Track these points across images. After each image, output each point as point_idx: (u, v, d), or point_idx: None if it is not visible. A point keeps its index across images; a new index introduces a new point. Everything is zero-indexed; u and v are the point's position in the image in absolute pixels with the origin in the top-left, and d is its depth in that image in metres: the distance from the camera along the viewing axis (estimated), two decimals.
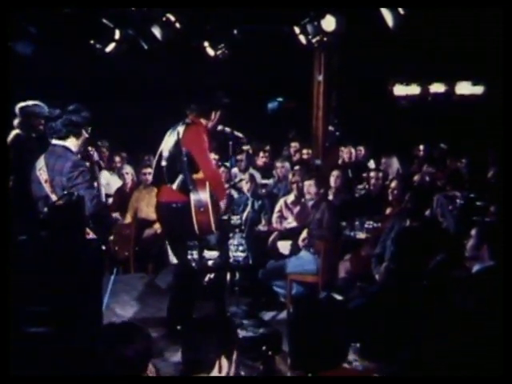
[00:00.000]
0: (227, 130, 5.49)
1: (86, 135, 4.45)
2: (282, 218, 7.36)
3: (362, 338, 3.36)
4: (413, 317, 3.29)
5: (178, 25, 8.20)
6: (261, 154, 9.81)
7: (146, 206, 7.61)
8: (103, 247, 4.25)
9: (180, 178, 5.16)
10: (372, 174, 7.65)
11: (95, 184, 4.59)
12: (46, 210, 3.55)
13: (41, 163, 4.39)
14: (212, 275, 5.23)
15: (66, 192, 3.88)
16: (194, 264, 4.73)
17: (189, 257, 4.74)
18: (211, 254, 4.86)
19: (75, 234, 3.43)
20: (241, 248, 4.75)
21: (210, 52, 9.49)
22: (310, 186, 6.53)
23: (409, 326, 3.22)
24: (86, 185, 4.21)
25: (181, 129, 5.22)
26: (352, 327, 3.39)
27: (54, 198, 4.16)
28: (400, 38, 8.43)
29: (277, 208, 7.44)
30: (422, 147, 10.58)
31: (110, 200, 8.41)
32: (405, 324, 3.25)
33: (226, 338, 2.74)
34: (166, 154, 5.26)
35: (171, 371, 4.48)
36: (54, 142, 4.40)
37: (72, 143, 4.40)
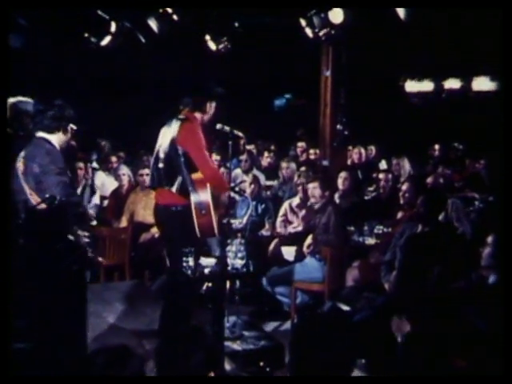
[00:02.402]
0: (226, 128, 5.39)
1: (70, 135, 4.46)
2: (286, 222, 7.30)
3: (367, 353, 3.27)
4: (421, 331, 3.19)
5: (175, 17, 8.12)
6: (265, 153, 9.75)
7: (143, 208, 7.55)
8: (71, 237, 4.15)
9: (179, 179, 5.08)
10: (381, 175, 7.53)
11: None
12: (23, 215, 3.46)
13: (21, 155, 4.48)
14: (210, 283, 5.15)
15: (48, 196, 3.79)
16: (189, 272, 4.64)
17: (184, 264, 4.66)
18: (208, 262, 4.77)
19: (56, 242, 3.33)
20: (239, 255, 4.65)
21: (212, 46, 9.41)
22: (314, 189, 6.44)
23: (417, 340, 3.12)
24: (57, 171, 4.25)
25: (175, 126, 5.13)
26: (357, 341, 3.30)
27: (26, 189, 4.21)
28: (412, 30, 8.32)
29: (281, 211, 7.38)
30: (437, 147, 10.48)
31: (106, 202, 8.39)
32: (413, 339, 3.15)
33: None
34: (162, 155, 5.17)
35: None
36: (39, 134, 4.47)
37: (56, 138, 4.47)
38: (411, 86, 13.01)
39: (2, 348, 2.96)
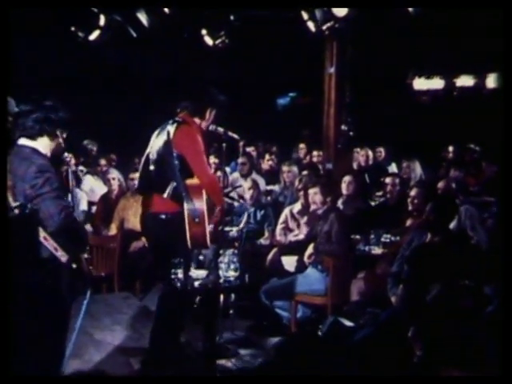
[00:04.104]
0: (220, 129, 5.33)
1: (61, 140, 4.23)
2: (286, 229, 7.24)
3: (368, 375, 3.19)
4: (425, 350, 3.11)
5: (166, 10, 8.07)
6: (266, 156, 9.69)
7: (134, 215, 7.47)
8: (74, 266, 4.07)
9: (171, 185, 5.01)
10: (388, 179, 7.40)
11: (72, 193, 4.42)
12: None
13: (8, 167, 4.21)
14: (201, 297, 5.09)
15: (19, 203, 3.68)
16: (178, 284, 4.58)
17: (172, 276, 4.60)
18: (199, 274, 4.72)
19: (26, 254, 3.25)
20: (232, 266, 4.59)
21: (209, 41, 9.38)
22: (314, 195, 6.40)
23: (421, 361, 3.04)
24: (54, 194, 3.94)
25: (171, 128, 5.06)
26: (357, 362, 3.24)
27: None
28: (420, 24, 8.26)
29: (281, 218, 7.32)
30: (451, 149, 10.40)
31: (94, 208, 8.34)
32: (418, 360, 3.07)
33: None
34: (154, 157, 5.11)
35: None
36: (22, 142, 4.16)
37: (43, 144, 4.15)
38: (420, 84, 12.88)
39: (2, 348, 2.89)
